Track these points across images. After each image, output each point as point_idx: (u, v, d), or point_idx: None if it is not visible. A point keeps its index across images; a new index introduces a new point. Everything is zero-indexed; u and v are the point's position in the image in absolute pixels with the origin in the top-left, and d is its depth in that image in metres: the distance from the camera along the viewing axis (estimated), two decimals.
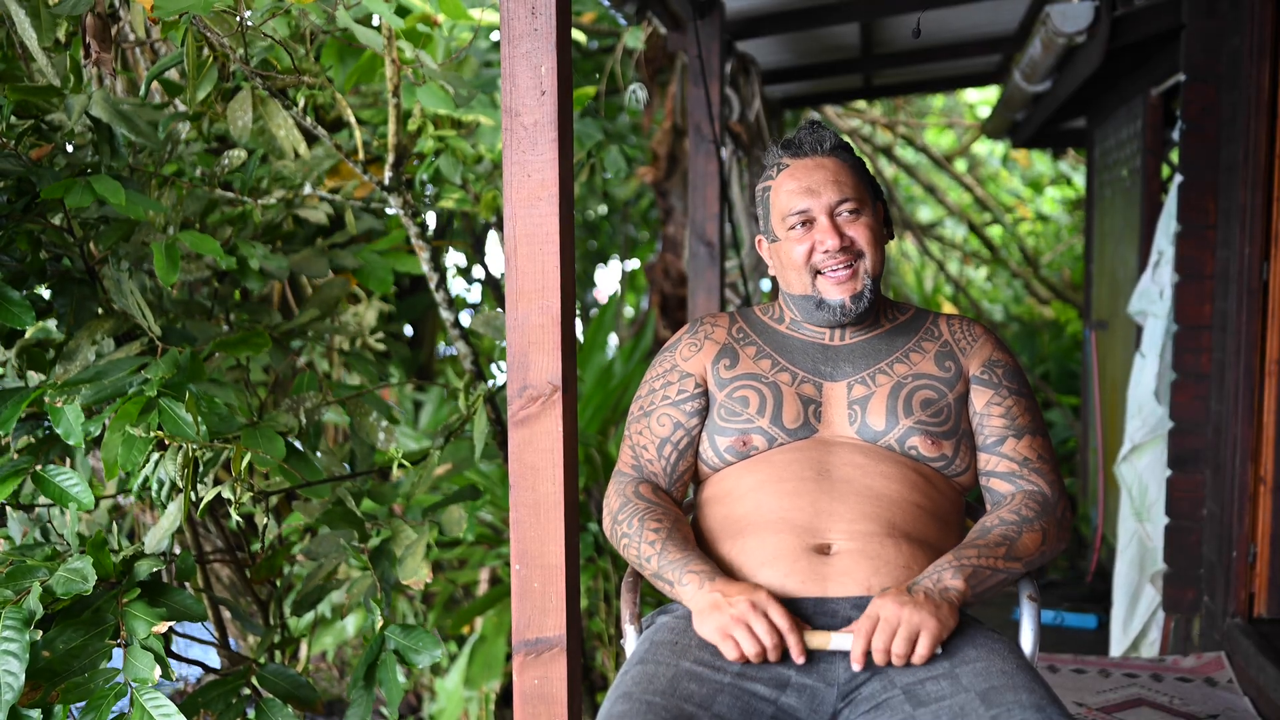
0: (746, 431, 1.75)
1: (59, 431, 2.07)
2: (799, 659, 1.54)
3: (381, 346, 3.01)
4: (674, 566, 1.64)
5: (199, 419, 2.04)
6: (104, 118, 2.27)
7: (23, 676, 1.77)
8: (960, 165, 9.86)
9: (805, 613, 1.60)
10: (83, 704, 1.87)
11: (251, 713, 2.16)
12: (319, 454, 2.61)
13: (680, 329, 1.91)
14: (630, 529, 1.72)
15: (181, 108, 2.78)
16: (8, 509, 2.30)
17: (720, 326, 1.87)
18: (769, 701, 1.54)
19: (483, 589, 4.34)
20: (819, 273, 1.76)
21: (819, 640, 1.57)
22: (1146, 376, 3.66)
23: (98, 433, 2.11)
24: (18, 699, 1.77)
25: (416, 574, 2.30)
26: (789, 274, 1.79)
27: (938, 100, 9.93)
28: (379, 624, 2.23)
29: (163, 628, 1.92)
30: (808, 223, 1.75)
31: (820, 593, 1.61)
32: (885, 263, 1.88)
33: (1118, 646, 3.77)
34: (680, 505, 1.83)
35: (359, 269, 2.82)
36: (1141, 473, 3.67)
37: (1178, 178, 3.44)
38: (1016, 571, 1.65)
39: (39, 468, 2.08)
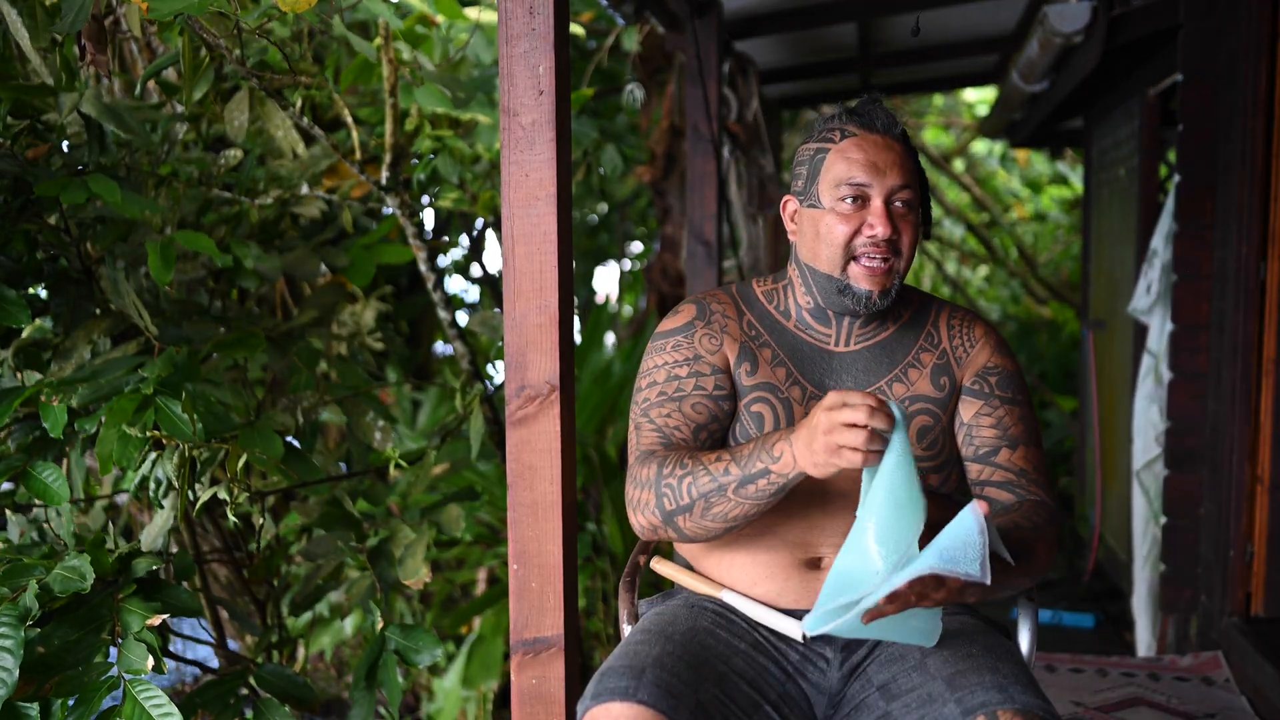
0: None
1: (46, 427, 2.06)
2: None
3: (380, 346, 3.00)
4: (753, 458, 1.50)
5: (195, 418, 2.04)
6: (93, 114, 2.26)
7: (17, 671, 1.78)
8: (958, 165, 9.87)
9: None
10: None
11: (249, 712, 2.16)
12: (316, 454, 2.60)
13: (680, 308, 1.74)
14: (685, 468, 1.56)
15: (179, 108, 2.77)
16: (7, 511, 2.29)
17: (731, 319, 1.72)
18: (778, 680, 1.60)
19: (480, 589, 4.34)
20: (854, 258, 1.64)
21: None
22: (1153, 375, 3.67)
23: (93, 430, 2.11)
24: (12, 693, 1.77)
25: (417, 574, 2.30)
26: (821, 248, 1.65)
27: (936, 100, 9.93)
28: (379, 624, 2.23)
29: (156, 620, 1.92)
30: (860, 199, 1.63)
31: (811, 605, 1.62)
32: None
33: (1144, 648, 3.78)
34: None
35: (348, 266, 2.80)
36: (1160, 476, 3.67)
37: (1176, 177, 3.44)
38: (1026, 584, 1.57)
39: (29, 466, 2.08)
